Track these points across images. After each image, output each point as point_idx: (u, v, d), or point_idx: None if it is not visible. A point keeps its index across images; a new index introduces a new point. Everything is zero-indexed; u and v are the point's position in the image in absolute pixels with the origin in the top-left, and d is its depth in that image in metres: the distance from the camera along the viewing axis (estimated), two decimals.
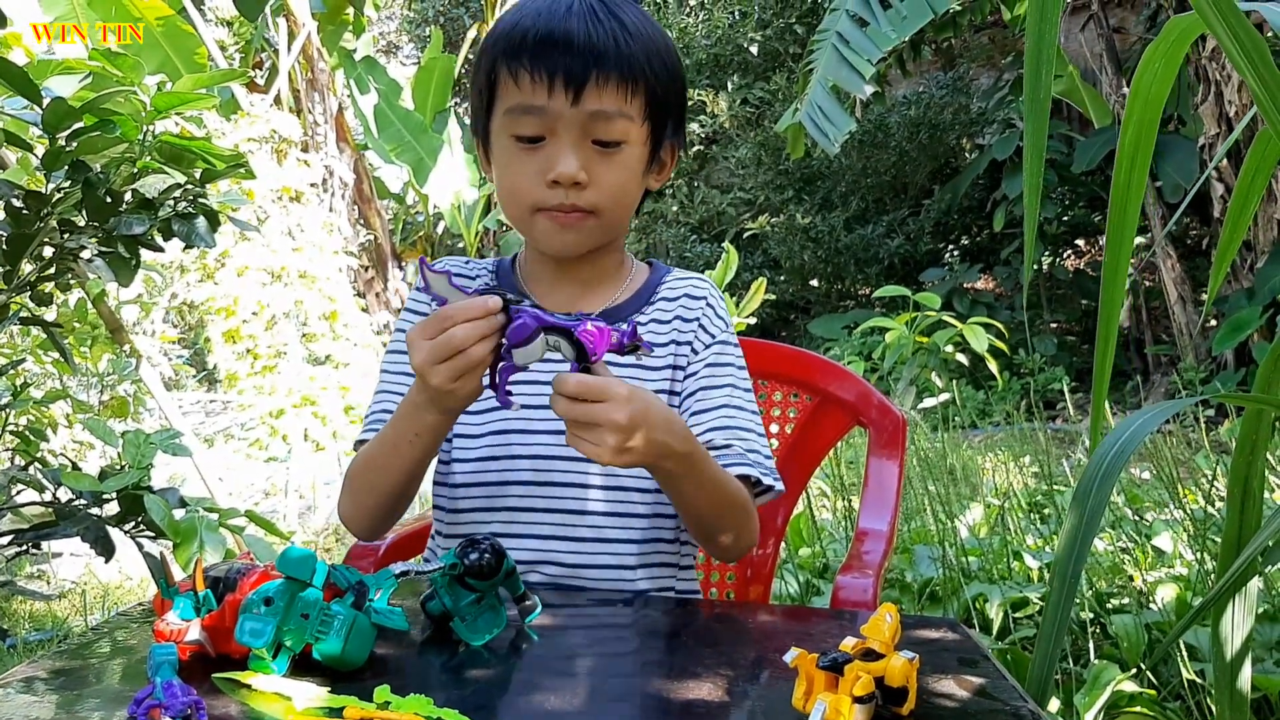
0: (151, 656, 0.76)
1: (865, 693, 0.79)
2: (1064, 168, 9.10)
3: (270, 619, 0.80)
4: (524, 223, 1.24)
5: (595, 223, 1.22)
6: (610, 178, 1.20)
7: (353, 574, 0.88)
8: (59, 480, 2.14)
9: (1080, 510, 0.99)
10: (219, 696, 0.81)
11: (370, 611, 0.86)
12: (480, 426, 1.26)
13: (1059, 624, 0.99)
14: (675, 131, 1.28)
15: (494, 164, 1.26)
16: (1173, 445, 4.39)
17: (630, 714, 0.83)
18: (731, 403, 1.25)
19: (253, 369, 6.97)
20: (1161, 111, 1.35)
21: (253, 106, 7.63)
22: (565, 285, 1.31)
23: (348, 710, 0.76)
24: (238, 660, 0.84)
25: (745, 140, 11.48)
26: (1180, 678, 2.09)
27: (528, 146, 1.20)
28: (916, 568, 2.67)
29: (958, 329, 6.18)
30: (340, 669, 0.84)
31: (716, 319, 1.32)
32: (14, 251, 2.28)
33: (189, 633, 0.84)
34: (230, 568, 0.87)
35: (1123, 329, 8.69)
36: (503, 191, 1.25)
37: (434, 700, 0.78)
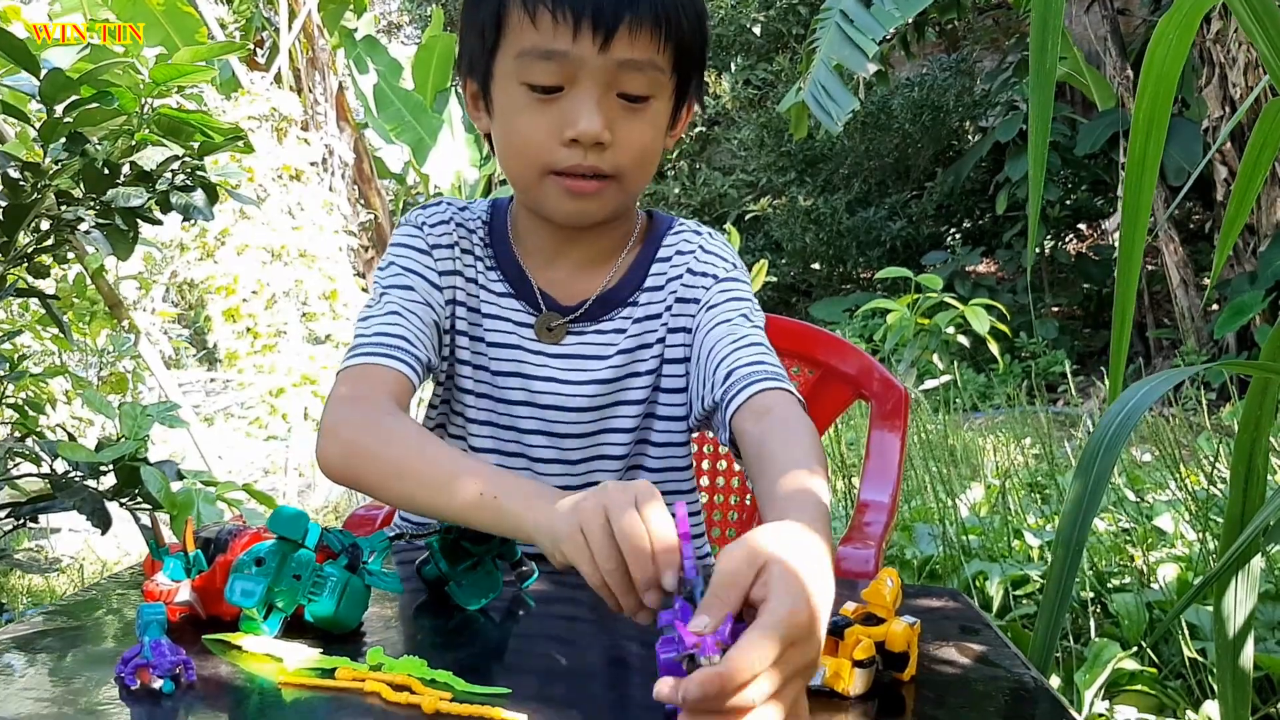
0: (140, 616, 0.74)
1: (865, 657, 0.78)
2: (1067, 150, 9.06)
3: (261, 579, 0.79)
4: (531, 185, 1.10)
5: (615, 189, 1.09)
6: (635, 137, 1.07)
7: (347, 537, 0.86)
8: (55, 452, 2.13)
9: (1084, 479, 0.98)
10: (209, 658, 0.79)
11: (364, 574, 0.84)
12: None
13: (1062, 593, 0.98)
14: (698, 86, 1.16)
15: (497, 115, 1.11)
16: (1175, 428, 4.38)
17: (624, 678, 0.82)
18: (752, 336, 1.12)
19: (253, 348, 6.96)
20: (1176, 84, 1.33)
21: (253, 85, 7.60)
22: (563, 263, 1.20)
23: (340, 671, 0.75)
24: (228, 622, 0.83)
25: (748, 122, 11.45)
26: (1181, 656, 2.08)
27: (542, 97, 1.05)
28: (917, 544, 2.66)
29: (959, 310, 6.16)
30: (333, 631, 0.83)
31: (718, 261, 1.21)
32: (10, 223, 2.26)
33: (179, 594, 0.83)
34: (221, 529, 0.86)
35: None
36: (508, 148, 1.10)
37: (427, 662, 0.76)
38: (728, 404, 1.04)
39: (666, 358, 1.21)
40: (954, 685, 0.82)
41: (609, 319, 1.20)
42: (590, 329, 1.20)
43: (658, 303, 1.21)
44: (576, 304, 1.20)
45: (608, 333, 1.20)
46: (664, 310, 1.21)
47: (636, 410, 1.22)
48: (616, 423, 1.22)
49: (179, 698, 0.72)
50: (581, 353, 1.20)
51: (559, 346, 1.20)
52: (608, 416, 1.21)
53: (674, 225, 1.26)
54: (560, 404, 1.19)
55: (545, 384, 1.19)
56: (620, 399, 1.21)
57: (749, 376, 1.05)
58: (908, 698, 0.79)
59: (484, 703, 0.71)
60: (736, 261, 1.24)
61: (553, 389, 1.19)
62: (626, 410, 1.21)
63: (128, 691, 0.73)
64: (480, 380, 1.21)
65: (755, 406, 1.02)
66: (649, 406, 1.23)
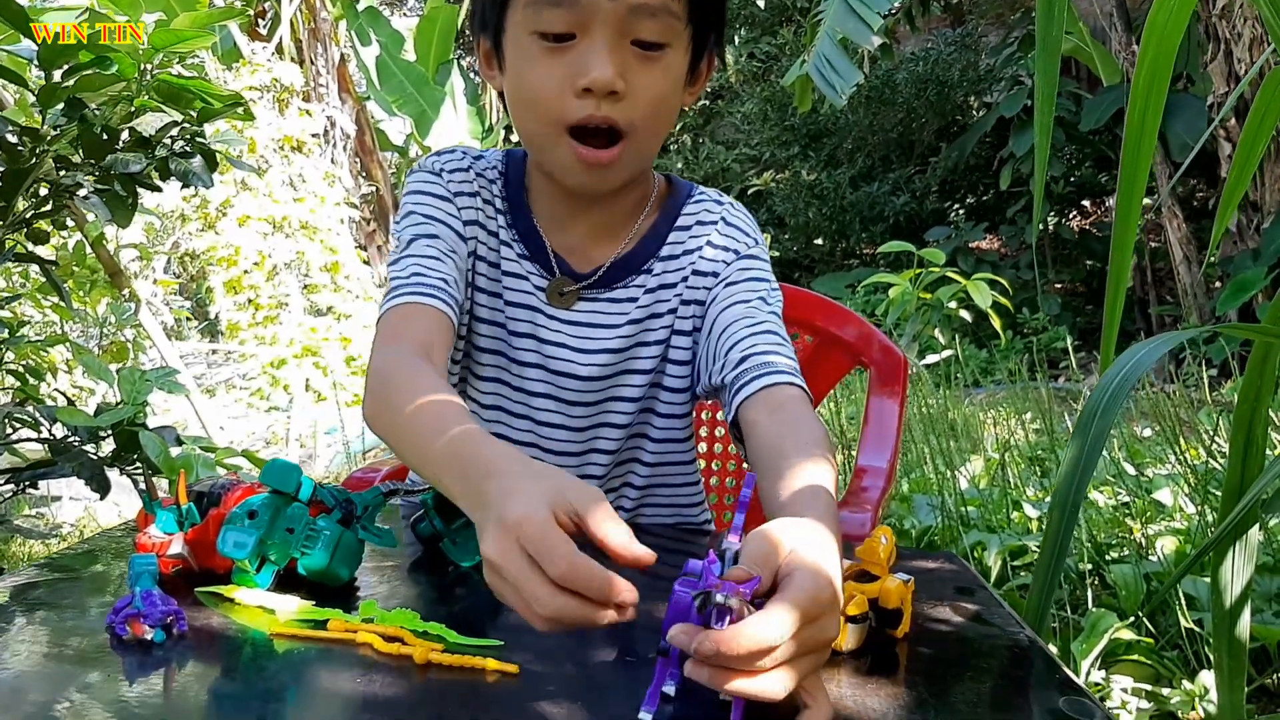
0: (131, 567, 0.74)
1: (859, 612, 0.78)
2: (1071, 126, 9.02)
3: (253, 531, 0.79)
4: (547, 143, 1.05)
5: (629, 152, 1.04)
6: (650, 87, 1.02)
7: (341, 493, 0.86)
8: (54, 417, 2.13)
9: (1082, 439, 0.97)
10: (202, 610, 0.79)
11: (357, 528, 0.84)
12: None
13: (1057, 554, 0.98)
14: (717, 40, 1.11)
15: (509, 69, 1.06)
16: (1176, 403, 4.37)
17: (619, 634, 0.82)
18: (770, 323, 1.10)
19: (254, 319, 6.96)
20: (1176, 51, 1.32)
21: (254, 55, 7.56)
22: (577, 229, 1.17)
23: (331, 623, 0.75)
24: (221, 575, 0.83)
25: (751, 95, 11.40)
26: (1178, 627, 2.08)
27: (554, 46, 1.00)
28: (916, 515, 2.67)
29: (962, 285, 6.14)
30: (326, 584, 0.83)
31: (740, 235, 1.19)
32: (9, 188, 2.26)
33: (172, 546, 0.83)
34: (215, 483, 0.86)
35: (1127, 288, 8.64)
36: (520, 103, 1.06)
37: (420, 616, 0.76)
38: (738, 389, 1.03)
39: (677, 329, 1.19)
40: (948, 643, 0.82)
41: (622, 286, 1.17)
42: (603, 295, 1.17)
43: (673, 272, 1.18)
44: (591, 270, 1.17)
45: (620, 301, 1.17)
46: (679, 281, 1.18)
47: (644, 380, 1.20)
48: (623, 391, 1.20)
49: (170, 647, 0.72)
50: (593, 320, 1.17)
51: (571, 312, 1.17)
52: (615, 385, 1.19)
53: (694, 193, 1.22)
54: (571, 371, 1.17)
55: (558, 349, 1.17)
56: (628, 368, 1.19)
57: (764, 367, 1.03)
58: (901, 654, 0.79)
59: (476, 654, 0.71)
60: (758, 237, 1.21)
61: (565, 355, 1.17)
62: (634, 380, 1.20)
63: (119, 641, 0.72)
64: (497, 338, 1.19)
65: (768, 400, 1.00)
66: (656, 377, 1.21)
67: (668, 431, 1.24)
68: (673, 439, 1.25)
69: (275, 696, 0.66)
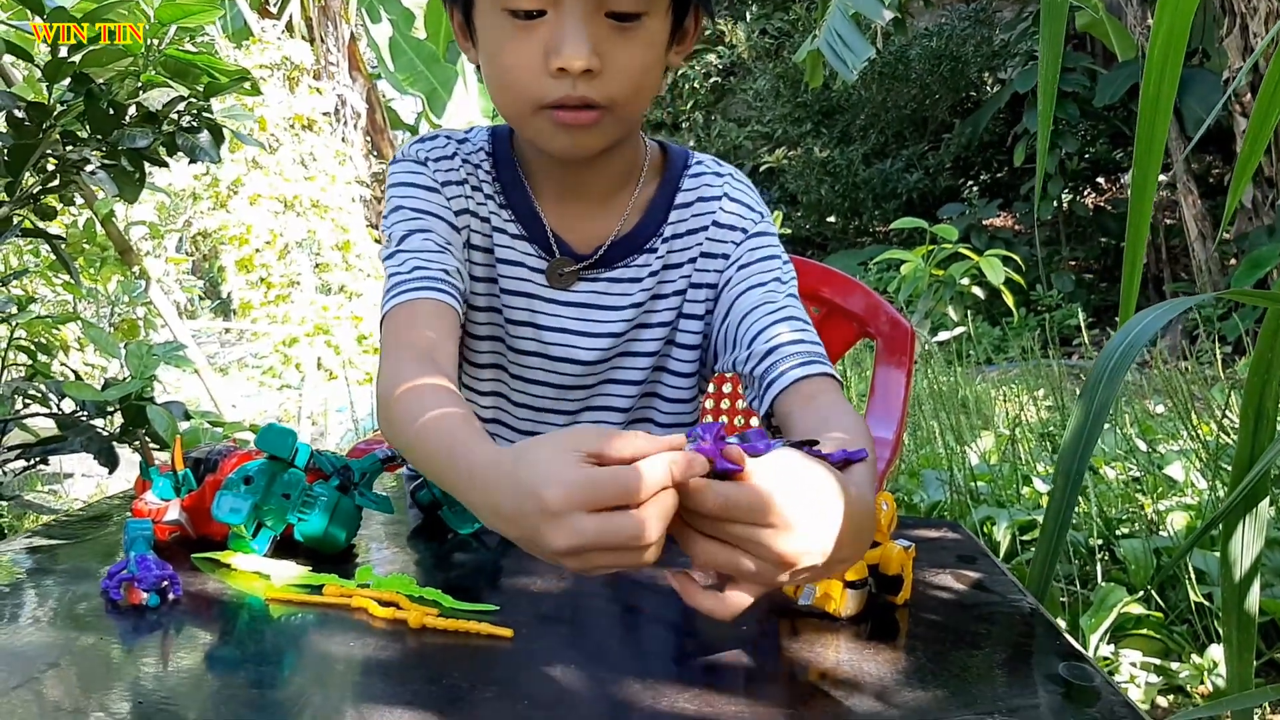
0: (127, 531, 0.74)
1: (858, 578, 0.77)
2: (1086, 102, 8.96)
3: (249, 496, 0.78)
4: (523, 121, 1.01)
5: (609, 120, 0.99)
6: (628, 61, 0.96)
7: (339, 459, 0.86)
8: (62, 392, 2.14)
9: (1087, 406, 0.96)
10: (198, 575, 0.79)
11: (355, 495, 0.84)
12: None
13: (1061, 522, 0.97)
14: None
15: (481, 46, 1.02)
16: (1189, 379, 4.35)
17: (615, 599, 0.81)
18: (791, 307, 1.08)
19: (266, 298, 6.96)
20: (1190, 26, 1.30)
21: (264, 33, 7.55)
22: (573, 201, 1.12)
23: (327, 587, 0.75)
24: (218, 542, 0.83)
25: (764, 72, 11.35)
26: (1188, 601, 2.07)
27: (525, 23, 0.95)
28: (925, 489, 2.66)
29: (974, 261, 6.11)
30: (323, 550, 0.83)
31: (746, 212, 1.15)
32: (16, 163, 2.25)
33: (168, 513, 0.82)
34: (212, 449, 0.86)
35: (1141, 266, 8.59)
36: (495, 83, 1.01)
37: (416, 581, 0.76)
38: (770, 383, 1.01)
39: (685, 312, 1.16)
40: (949, 609, 0.81)
41: (624, 265, 1.14)
42: (604, 276, 1.14)
43: (678, 252, 1.15)
44: (591, 250, 1.13)
45: (622, 281, 1.14)
46: (686, 262, 1.15)
47: (646, 363, 1.17)
48: (621, 374, 1.17)
49: (164, 612, 0.72)
50: (594, 302, 1.14)
51: (570, 294, 1.13)
52: (613, 369, 1.17)
53: (690, 162, 1.18)
54: (572, 356, 1.14)
55: (558, 335, 1.14)
56: (628, 350, 1.16)
57: (793, 358, 1.01)
58: (901, 620, 0.79)
59: (471, 618, 0.70)
60: (763, 210, 1.17)
61: (565, 340, 1.14)
62: (634, 362, 1.17)
63: (113, 605, 0.72)
64: (495, 324, 1.15)
65: (802, 391, 0.98)
66: (660, 360, 1.18)
67: (675, 416, 1.21)
68: (679, 424, 1.21)
69: (270, 660, 0.66)
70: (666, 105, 12.67)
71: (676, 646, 0.69)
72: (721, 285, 1.13)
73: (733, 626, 0.72)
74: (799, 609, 0.77)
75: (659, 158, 1.17)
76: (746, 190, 1.17)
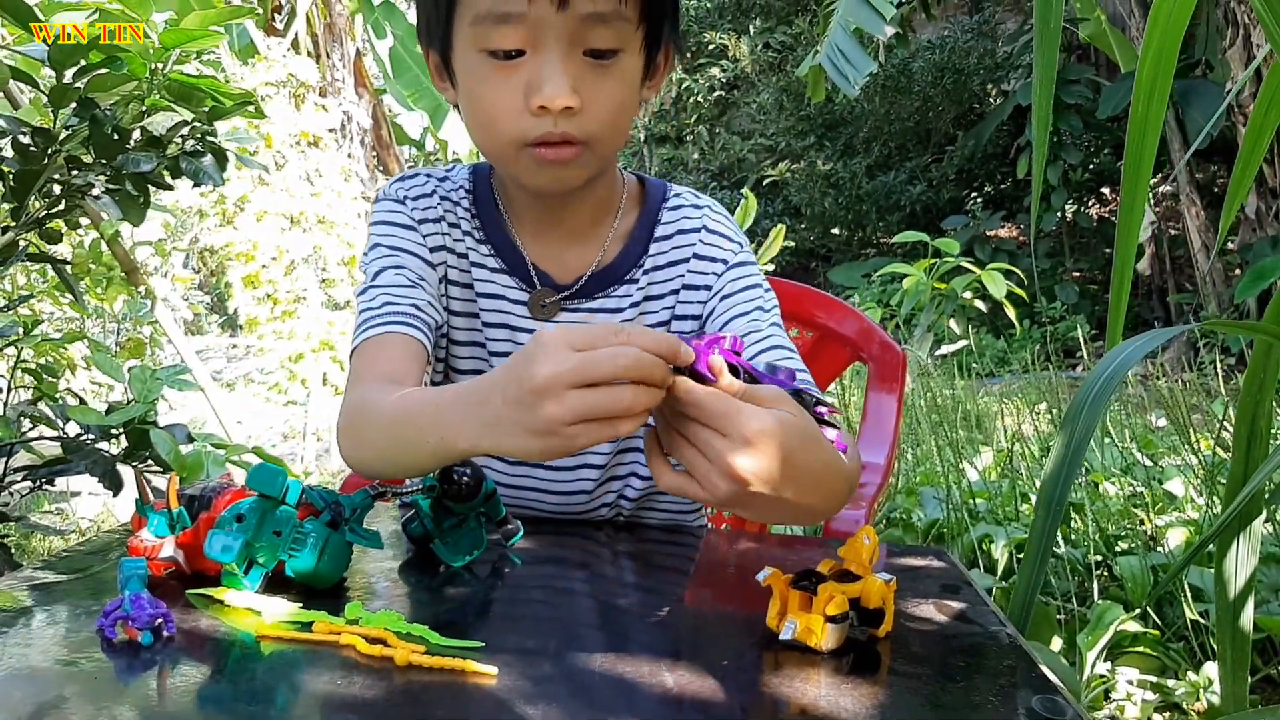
0: (121, 570, 0.76)
1: (839, 612, 0.79)
2: (1089, 113, 8.97)
3: (240, 535, 0.80)
4: (506, 160, 1.04)
5: (588, 155, 1.02)
6: (607, 98, 0.99)
7: (330, 494, 0.87)
8: (67, 415, 2.16)
9: (1068, 434, 0.98)
10: (191, 611, 0.81)
11: (345, 531, 0.86)
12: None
13: (1043, 550, 0.98)
14: (672, 30, 1.08)
15: (460, 87, 1.04)
16: (1190, 393, 4.35)
17: (602, 633, 0.83)
18: (775, 336, 1.11)
19: (272, 314, 6.99)
20: (1180, 43, 1.32)
21: (270, 51, 7.59)
22: (552, 234, 1.15)
23: (316, 624, 0.76)
24: (212, 577, 0.84)
25: (767, 85, 11.39)
26: (1184, 619, 2.08)
27: (504, 63, 0.97)
28: (923, 508, 2.67)
29: (976, 275, 6.12)
30: (315, 586, 0.85)
31: (725, 243, 1.17)
32: (22, 188, 2.28)
33: (163, 549, 0.84)
34: (206, 486, 0.87)
35: (1145, 277, 8.61)
36: (476, 123, 1.03)
37: (406, 617, 0.78)
38: None
39: None
40: (928, 641, 0.82)
41: (605, 295, 1.16)
42: (585, 306, 1.16)
43: (660, 283, 1.17)
44: (571, 281, 1.15)
45: (604, 312, 1.16)
46: (669, 294, 1.17)
47: None
48: None
49: (158, 650, 0.74)
50: None
51: (553, 325, 1.15)
52: None
53: (668, 195, 1.20)
54: None
55: None
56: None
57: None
58: (882, 653, 0.80)
59: (457, 656, 0.72)
60: (742, 240, 1.20)
61: None
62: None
63: (108, 643, 0.74)
64: (478, 359, 1.18)
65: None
66: None
67: None
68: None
69: (259, 698, 0.68)
70: (671, 119, 12.71)
71: (659, 681, 0.71)
72: (705, 316, 1.16)
73: (715, 663, 0.74)
74: (781, 643, 0.79)
75: (637, 189, 1.20)
76: (725, 221, 1.20)
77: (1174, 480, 2.81)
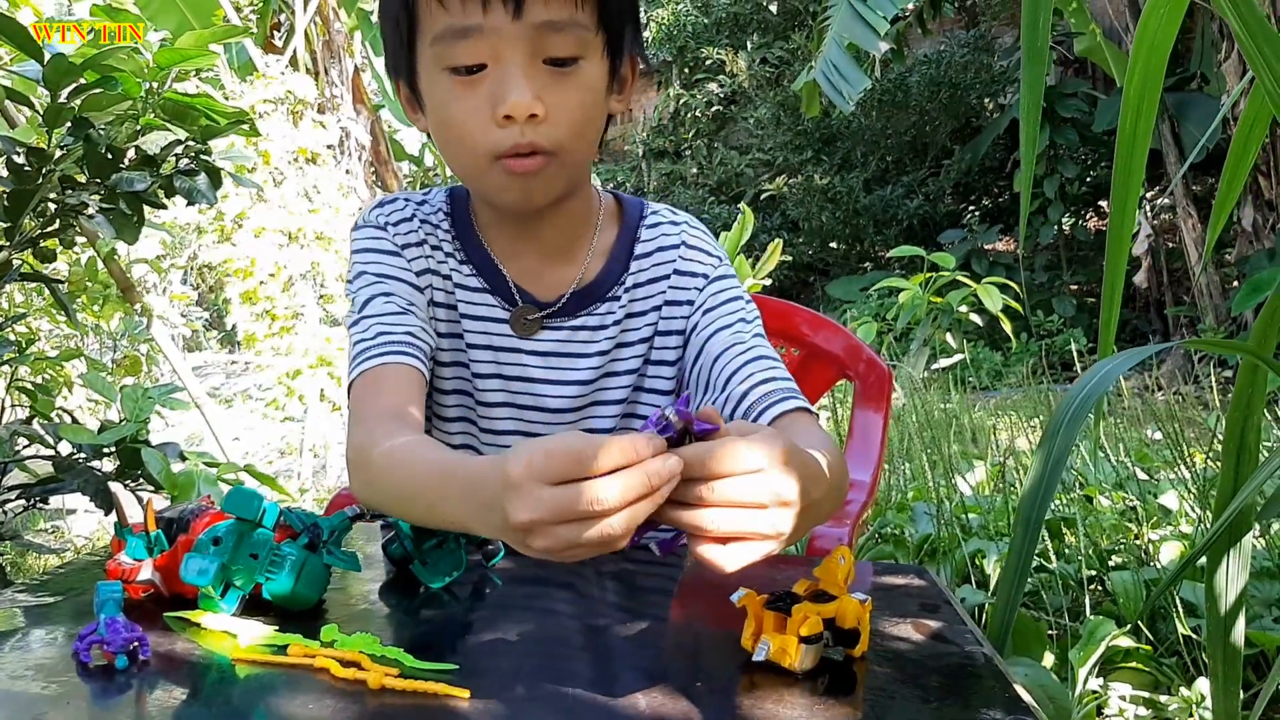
0: (97, 594, 0.76)
1: (813, 633, 0.79)
2: (1085, 127, 8.99)
3: (215, 558, 0.80)
4: (480, 175, 1.04)
5: (556, 166, 1.02)
6: (571, 104, 1.00)
7: (308, 517, 0.88)
8: (59, 435, 2.16)
9: (1045, 454, 0.98)
10: (169, 634, 0.81)
11: (323, 553, 0.86)
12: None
13: (1020, 570, 0.98)
14: (634, 41, 1.09)
15: (429, 109, 1.06)
16: (1186, 406, 4.35)
17: (578, 654, 0.83)
18: (759, 347, 1.12)
19: (270, 330, 7.00)
20: (1167, 58, 1.33)
21: (268, 68, 7.62)
22: (530, 252, 1.16)
23: (291, 648, 0.76)
24: (190, 600, 0.85)
25: (764, 100, 11.43)
26: (1178, 634, 2.08)
27: (466, 79, 0.99)
28: (916, 524, 2.67)
29: (972, 289, 6.13)
30: (292, 608, 0.85)
31: (705, 258, 1.19)
32: (16, 208, 2.29)
33: (141, 572, 0.84)
34: (184, 509, 0.88)
35: (1142, 290, 8.62)
36: (446, 140, 1.05)
37: (381, 640, 0.78)
38: (754, 421, 1.04)
39: (653, 359, 1.19)
40: (903, 661, 0.83)
41: (587, 313, 1.17)
42: (567, 324, 1.17)
43: (640, 300, 1.18)
44: (553, 298, 1.16)
45: (587, 329, 1.17)
46: (651, 310, 1.18)
47: (614, 410, 1.20)
48: (593, 423, 1.20)
49: (133, 673, 0.74)
50: (560, 350, 1.17)
51: (536, 343, 1.16)
52: (585, 417, 1.20)
53: (646, 213, 1.22)
54: (540, 405, 1.17)
55: (524, 384, 1.17)
56: (597, 399, 1.19)
57: (769, 396, 1.05)
58: (857, 674, 0.80)
59: (430, 679, 0.72)
60: (721, 254, 1.21)
61: (532, 389, 1.17)
62: (604, 410, 1.20)
63: (83, 667, 0.74)
64: (461, 379, 1.19)
65: (780, 425, 1.02)
66: (629, 406, 1.21)
67: None
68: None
69: None
70: (669, 134, 12.76)
71: (632, 704, 0.71)
72: (689, 331, 1.17)
73: (690, 685, 0.74)
74: (756, 664, 0.79)
75: (614, 207, 1.21)
76: (703, 237, 1.22)
77: (1168, 494, 2.81)
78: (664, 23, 12.68)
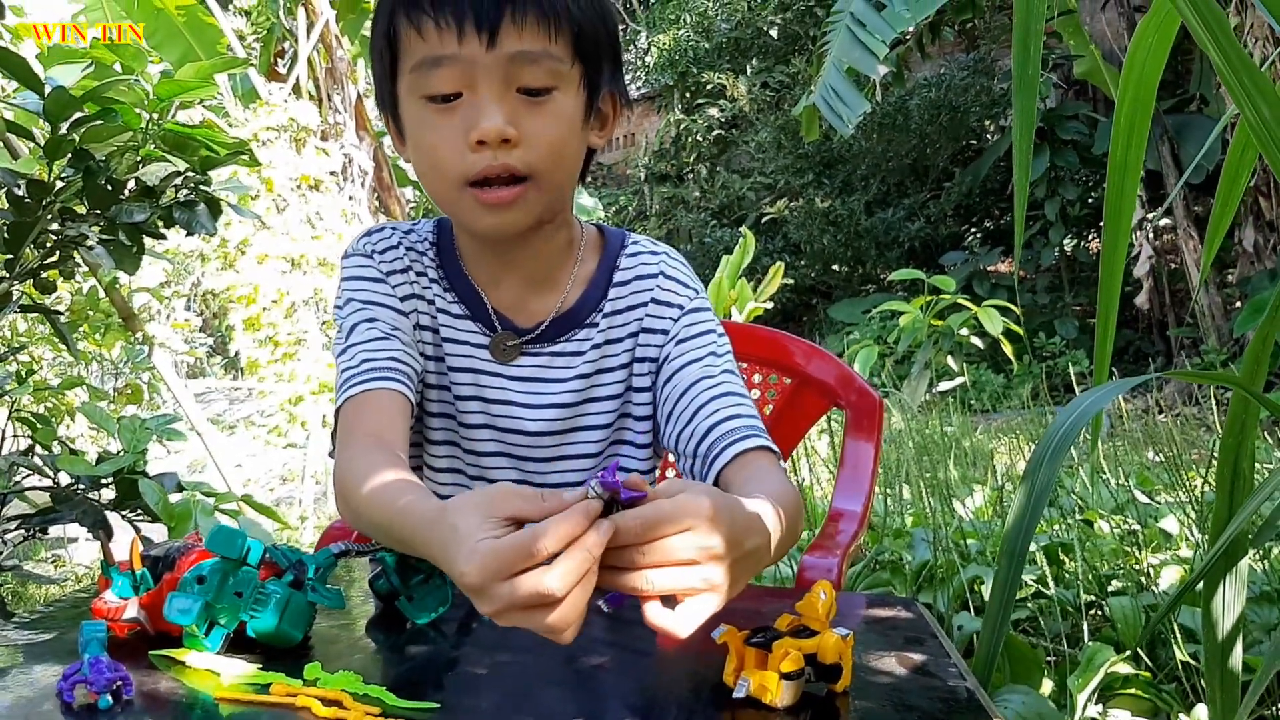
0: (82, 633, 0.77)
1: (794, 669, 0.79)
2: (1086, 149, 9.01)
3: (199, 597, 0.81)
4: (454, 201, 1.06)
5: (533, 193, 1.04)
6: (544, 131, 1.02)
7: (293, 553, 0.88)
8: (57, 465, 2.17)
9: (1029, 486, 0.98)
10: (153, 673, 0.82)
11: (308, 590, 0.86)
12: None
13: (1005, 603, 0.98)
14: (614, 78, 1.11)
15: (408, 137, 1.09)
16: (1188, 428, 4.35)
17: (557, 688, 0.83)
18: (728, 382, 1.13)
19: (273, 356, 7.01)
20: (1156, 87, 1.34)
21: (271, 96, 7.66)
22: (510, 280, 1.18)
23: (274, 686, 0.77)
24: (176, 638, 0.85)
25: (765, 124, 11.46)
26: (1176, 660, 2.07)
27: (442, 106, 1.03)
28: (914, 550, 2.66)
29: (973, 312, 6.14)
30: (277, 645, 0.85)
31: (681, 289, 1.20)
32: (16, 239, 2.31)
33: (127, 611, 0.85)
34: (170, 547, 0.88)
35: (1144, 311, 8.61)
36: (424, 166, 1.08)
37: (365, 677, 0.78)
38: (714, 458, 1.06)
39: (634, 385, 1.21)
40: (887, 695, 0.83)
41: (565, 340, 1.19)
42: (546, 350, 1.19)
43: (619, 327, 1.20)
44: (533, 325, 1.19)
45: (565, 355, 1.19)
46: (628, 336, 1.20)
47: (601, 435, 1.21)
48: (577, 449, 1.21)
49: (116, 713, 0.74)
50: (538, 375, 1.19)
51: (514, 368, 1.19)
52: (568, 442, 1.21)
53: (627, 242, 1.24)
54: (519, 427, 1.19)
55: (504, 407, 1.19)
56: (580, 424, 1.21)
57: (731, 434, 1.06)
58: (840, 709, 0.80)
59: (411, 717, 0.73)
60: (697, 285, 1.23)
61: (511, 412, 1.19)
62: (589, 435, 1.21)
63: (67, 708, 0.75)
64: (444, 401, 1.21)
65: (740, 465, 1.04)
66: (616, 433, 1.23)
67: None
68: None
69: None
70: (671, 157, 12.81)
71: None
72: (661, 360, 1.19)
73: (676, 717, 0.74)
74: (735, 700, 0.79)
75: (596, 237, 1.24)
76: (681, 268, 1.23)
77: (1168, 518, 2.80)
78: (665, 48, 12.75)
